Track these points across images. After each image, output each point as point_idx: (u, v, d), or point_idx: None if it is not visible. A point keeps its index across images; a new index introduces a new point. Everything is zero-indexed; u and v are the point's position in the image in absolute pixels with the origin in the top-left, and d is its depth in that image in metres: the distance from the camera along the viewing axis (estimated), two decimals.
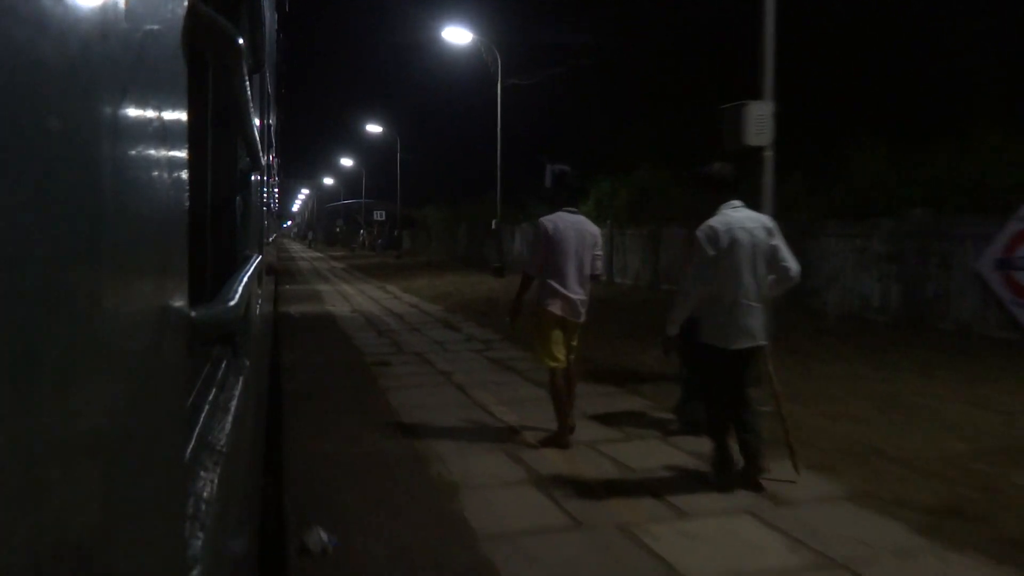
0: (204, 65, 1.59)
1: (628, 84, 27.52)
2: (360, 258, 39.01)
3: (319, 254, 47.49)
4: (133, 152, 0.48)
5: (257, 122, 2.22)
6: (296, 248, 64.00)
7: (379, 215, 47.23)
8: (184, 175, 0.67)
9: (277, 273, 12.50)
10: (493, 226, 22.84)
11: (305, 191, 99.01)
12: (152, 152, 0.53)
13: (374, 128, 38.70)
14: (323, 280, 22.67)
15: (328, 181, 78.50)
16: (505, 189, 22.11)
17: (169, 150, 0.59)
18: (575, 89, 28.05)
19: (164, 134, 0.56)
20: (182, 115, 0.66)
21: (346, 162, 60.49)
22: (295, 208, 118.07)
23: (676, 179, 16.54)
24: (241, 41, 1.12)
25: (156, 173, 0.55)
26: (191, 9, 0.74)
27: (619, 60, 26.98)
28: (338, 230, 73.98)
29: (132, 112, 0.47)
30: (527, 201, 23.99)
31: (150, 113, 0.52)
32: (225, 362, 1.45)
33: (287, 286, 19.16)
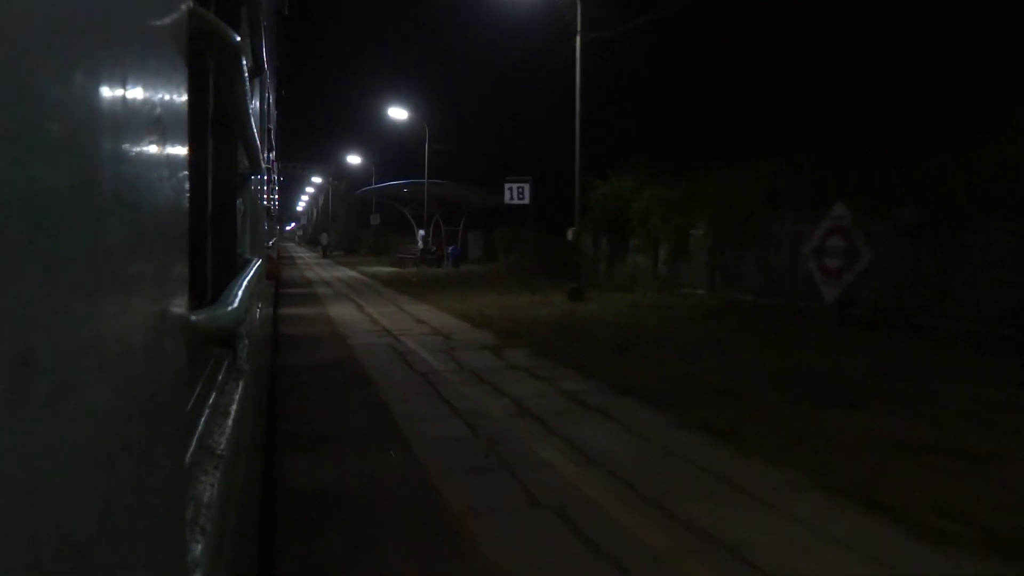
0: (205, 68, 1.60)
1: None
2: (478, 289, 17.27)
3: (354, 273, 26.60)
4: (133, 155, 0.48)
5: (257, 126, 2.22)
6: (307, 257, 42.19)
7: (518, 192, 20.29)
8: (184, 178, 0.67)
9: (277, 277, 11.73)
10: None
11: (317, 179, 66.74)
12: (152, 155, 0.53)
13: None
14: None
15: (354, 160, 50.45)
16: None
17: (169, 153, 0.59)
18: None
19: (164, 137, 0.56)
20: (182, 118, 0.66)
21: (398, 114, 31.10)
22: (300, 208, 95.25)
23: None
24: (241, 44, 1.12)
25: (156, 176, 0.55)
26: (192, 12, 0.74)
27: None
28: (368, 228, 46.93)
29: (132, 115, 0.47)
30: None
31: (150, 116, 0.52)
32: (225, 365, 1.45)
33: None
